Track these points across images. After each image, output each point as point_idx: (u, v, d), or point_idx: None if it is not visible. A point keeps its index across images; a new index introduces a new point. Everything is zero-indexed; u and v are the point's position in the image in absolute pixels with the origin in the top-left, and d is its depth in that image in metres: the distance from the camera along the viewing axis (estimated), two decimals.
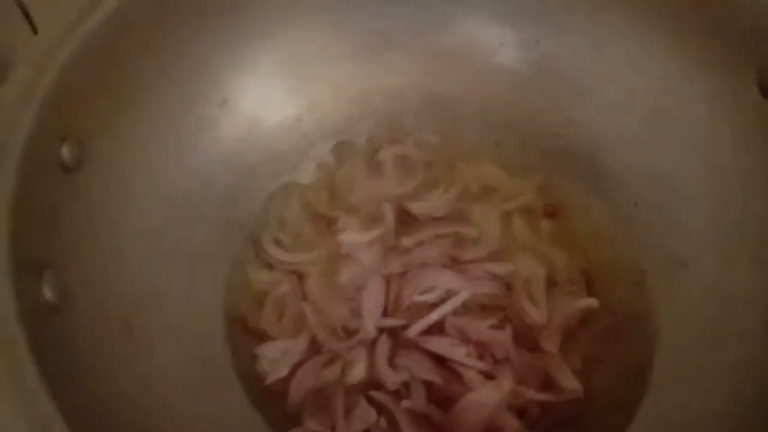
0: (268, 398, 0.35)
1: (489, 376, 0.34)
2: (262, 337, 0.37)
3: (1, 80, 0.29)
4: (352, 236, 0.38)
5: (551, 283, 0.39)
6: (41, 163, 0.29)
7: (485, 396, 0.33)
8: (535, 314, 0.37)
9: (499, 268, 0.39)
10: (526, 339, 0.37)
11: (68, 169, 0.31)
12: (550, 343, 0.36)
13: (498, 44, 0.46)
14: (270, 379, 0.35)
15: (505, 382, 0.33)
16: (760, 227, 0.37)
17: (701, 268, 0.38)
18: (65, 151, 0.31)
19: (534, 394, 0.34)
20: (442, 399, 0.34)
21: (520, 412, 0.34)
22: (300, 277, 0.38)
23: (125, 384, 0.29)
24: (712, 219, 0.39)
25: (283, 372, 0.35)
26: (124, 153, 0.34)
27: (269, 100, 0.43)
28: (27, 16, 0.44)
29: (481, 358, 0.35)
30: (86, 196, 0.32)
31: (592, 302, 0.39)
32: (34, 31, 0.45)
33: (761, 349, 0.34)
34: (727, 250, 0.38)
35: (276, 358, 0.36)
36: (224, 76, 0.40)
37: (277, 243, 0.39)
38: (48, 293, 0.27)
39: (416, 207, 0.41)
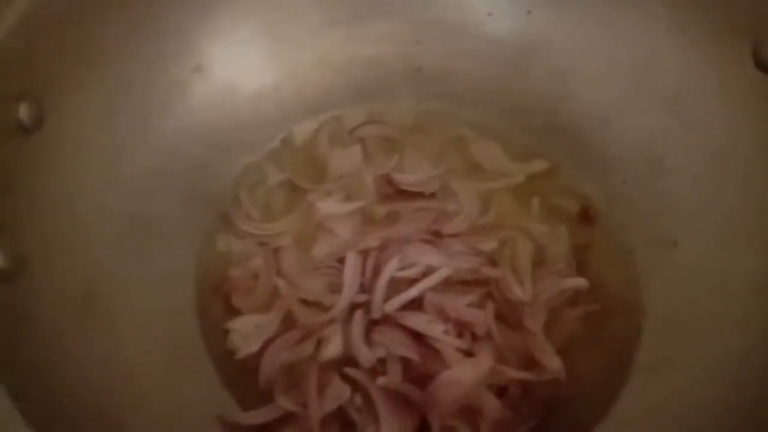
0: (239, 376, 0.34)
1: (469, 354, 0.33)
2: (234, 313, 0.35)
3: None
4: (331, 206, 0.37)
5: (539, 261, 0.38)
6: None
7: (463, 373, 0.32)
8: (519, 291, 0.36)
9: (482, 244, 0.38)
10: (509, 316, 0.36)
11: (27, 130, 0.29)
12: (534, 322, 0.35)
13: (486, 13, 0.44)
14: (241, 354, 0.34)
15: (484, 360, 0.32)
16: (757, 208, 0.36)
17: (691, 248, 0.38)
18: (23, 111, 0.29)
19: (513, 373, 0.32)
20: (419, 376, 0.33)
21: (500, 392, 0.33)
22: (274, 250, 0.37)
23: (85, 360, 0.28)
24: (704, 198, 0.38)
25: (255, 347, 0.34)
26: (87, 115, 0.33)
27: (246, 68, 0.41)
28: None
29: (460, 336, 0.33)
30: (46, 159, 0.30)
31: (581, 282, 0.38)
32: None
33: (752, 333, 0.33)
34: (720, 230, 0.37)
35: (248, 332, 0.34)
36: (199, 40, 0.39)
37: (248, 217, 0.38)
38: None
39: (400, 178, 0.40)
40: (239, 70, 0.41)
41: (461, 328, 0.34)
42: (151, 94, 0.36)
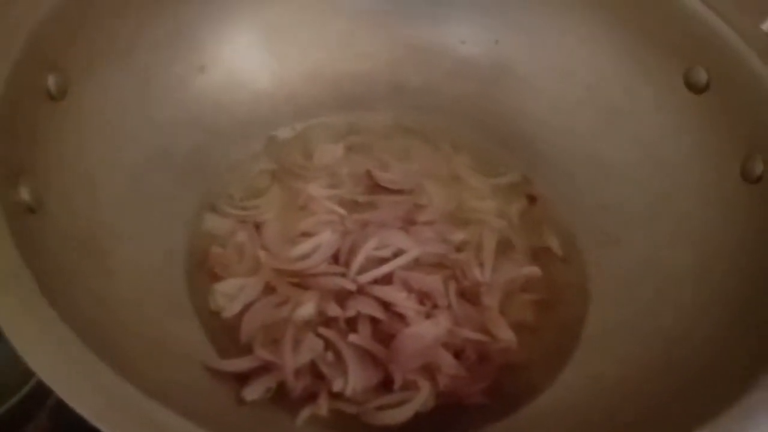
0: (221, 331, 0.37)
1: (429, 317, 0.37)
2: (219, 279, 0.39)
3: None
4: (317, 190, 0.41)
5: (500, 250, 0.42)
6: (27, 86, 0.32)
7: (423, 329, 0.35)
8: (479, 273, 0.40)
9: (451, 235, 0.42)
10: (469, 295, 0.40)
11: (53, 97, 0.34)
12: (490, 298, 0.39)
13: (460, 41, 0.50)
14: (225, 314, 0.37)
15: (442, 320, 0.36)
16: (691, 210, 0.41)
17: (632, 245, 0.42)
18: (51, 81, 0.34)
19: (469, 333, 0.36)
20: (385, 337, 0.36)
21: (457, 354, 0.36)
22: (256, 225, 0.41)
23: (86, 291, 0.31)
24: (644, 202, 0.43)
25: (237, 308, 0.37)
26: (106, 92, 0.37)
27: (245, 73, 0.46)
28: None
29: (421, 303, 0.37)
30: (66, 124, 0.34)
31: (534, 270, 0.42)
32: None
33: (682, 311, 0.38)
34: (658, 230, 0.42)
35: (232, 294, 0.38)
36: (205, 44, 0.44)
37: (230, 197, 0.42)
38: (24, 195, 0.30)
39: (379, 175, 0.44)
40: (239, 74, 0.45)
41: (423, 297, 0.38)
42: (160, 83, 0.41)
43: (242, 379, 0.35)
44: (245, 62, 0.46)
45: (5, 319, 0.23)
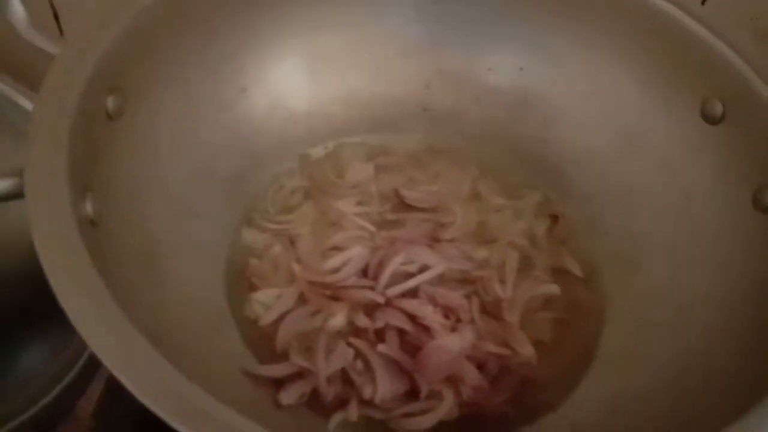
0: (259, 339, 0.39)
1: (454, 330, 0.39)
2: (256, 289, 0.42)
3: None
4: (348, 207, 0.44)
5: (522, 269, 0.44)
6: (92, 106, 0.35)
7: (448, 342, 0.37)
8: (500, 290, 0.42)
9: (474, 252, 0.44)
10: (491, 311, 0.42)
11: (110, 117, 0.36)
12: (511, 314, 0.41)
13: (487, 68, 0.52)
14: (263, 322, 0.40)
15: (467, 334, 0.38)
16: (709, 238, 0.42)
17: (653, 271, 0.44)
18: (110, 102, 0.36)
19: (492, 347, 0.38)
20: (412, 348, 0.38)
21: (480, 367, 0.39)
22: (291, 239, 0.43)
23: (140, 301, 0.33)
24: (664, 227, 0.45)
25: (273, 316, 0.40)
26: (156, 113, 0.40)
27: (284, 94, 0.49)
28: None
29: (446, 317, 0.39)
30: (121, 144, 0.37)
31: (554, 289, 0.44)
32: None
33: (701, 341, 0.39)
34: (678, 257, 0.43)
35: (268, 303, 0.40)
36: (247, 67, 0.47)
37: (267, 212, 0.45)
38: (89, 209, 0.32)
39: (407, 193, 0.47)
40: (278, 96, 0.48)
41: (448, 311, 0.40)
42: (206, 105, 0.44)
43: (279, 384, 0.37)
44: (285, 84, 0.49)
45: (84, 325, 0.26)
